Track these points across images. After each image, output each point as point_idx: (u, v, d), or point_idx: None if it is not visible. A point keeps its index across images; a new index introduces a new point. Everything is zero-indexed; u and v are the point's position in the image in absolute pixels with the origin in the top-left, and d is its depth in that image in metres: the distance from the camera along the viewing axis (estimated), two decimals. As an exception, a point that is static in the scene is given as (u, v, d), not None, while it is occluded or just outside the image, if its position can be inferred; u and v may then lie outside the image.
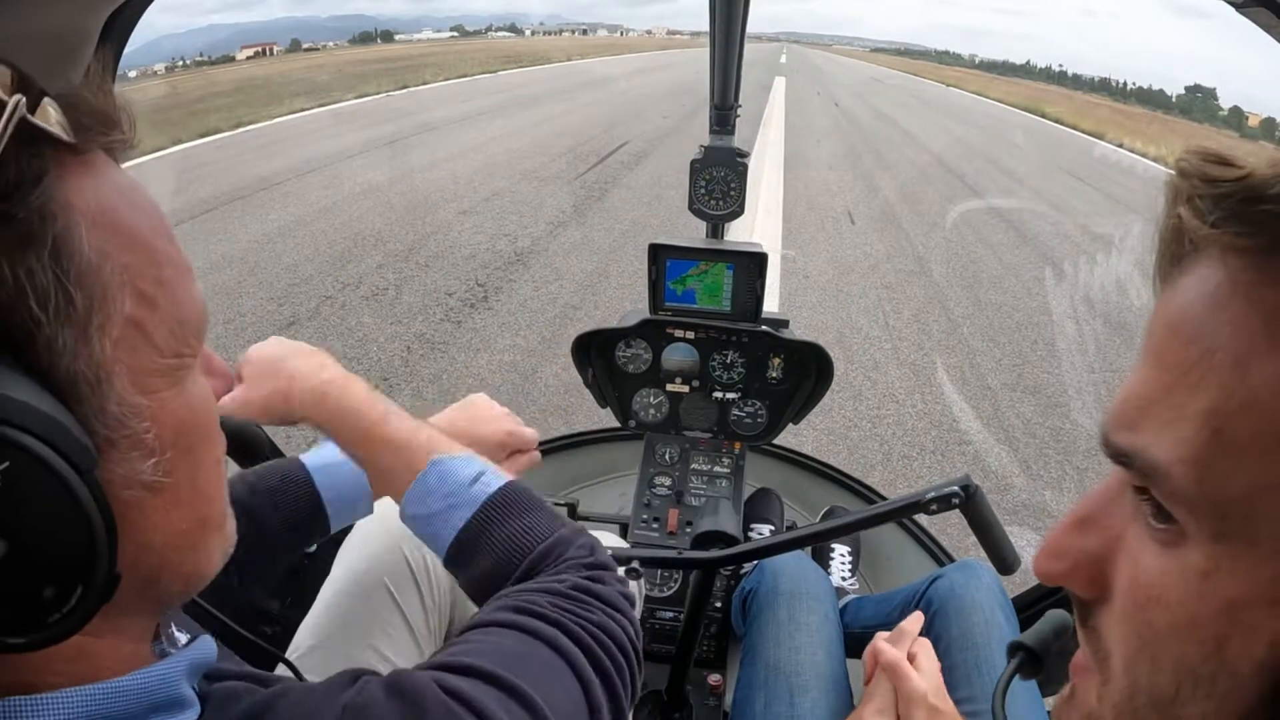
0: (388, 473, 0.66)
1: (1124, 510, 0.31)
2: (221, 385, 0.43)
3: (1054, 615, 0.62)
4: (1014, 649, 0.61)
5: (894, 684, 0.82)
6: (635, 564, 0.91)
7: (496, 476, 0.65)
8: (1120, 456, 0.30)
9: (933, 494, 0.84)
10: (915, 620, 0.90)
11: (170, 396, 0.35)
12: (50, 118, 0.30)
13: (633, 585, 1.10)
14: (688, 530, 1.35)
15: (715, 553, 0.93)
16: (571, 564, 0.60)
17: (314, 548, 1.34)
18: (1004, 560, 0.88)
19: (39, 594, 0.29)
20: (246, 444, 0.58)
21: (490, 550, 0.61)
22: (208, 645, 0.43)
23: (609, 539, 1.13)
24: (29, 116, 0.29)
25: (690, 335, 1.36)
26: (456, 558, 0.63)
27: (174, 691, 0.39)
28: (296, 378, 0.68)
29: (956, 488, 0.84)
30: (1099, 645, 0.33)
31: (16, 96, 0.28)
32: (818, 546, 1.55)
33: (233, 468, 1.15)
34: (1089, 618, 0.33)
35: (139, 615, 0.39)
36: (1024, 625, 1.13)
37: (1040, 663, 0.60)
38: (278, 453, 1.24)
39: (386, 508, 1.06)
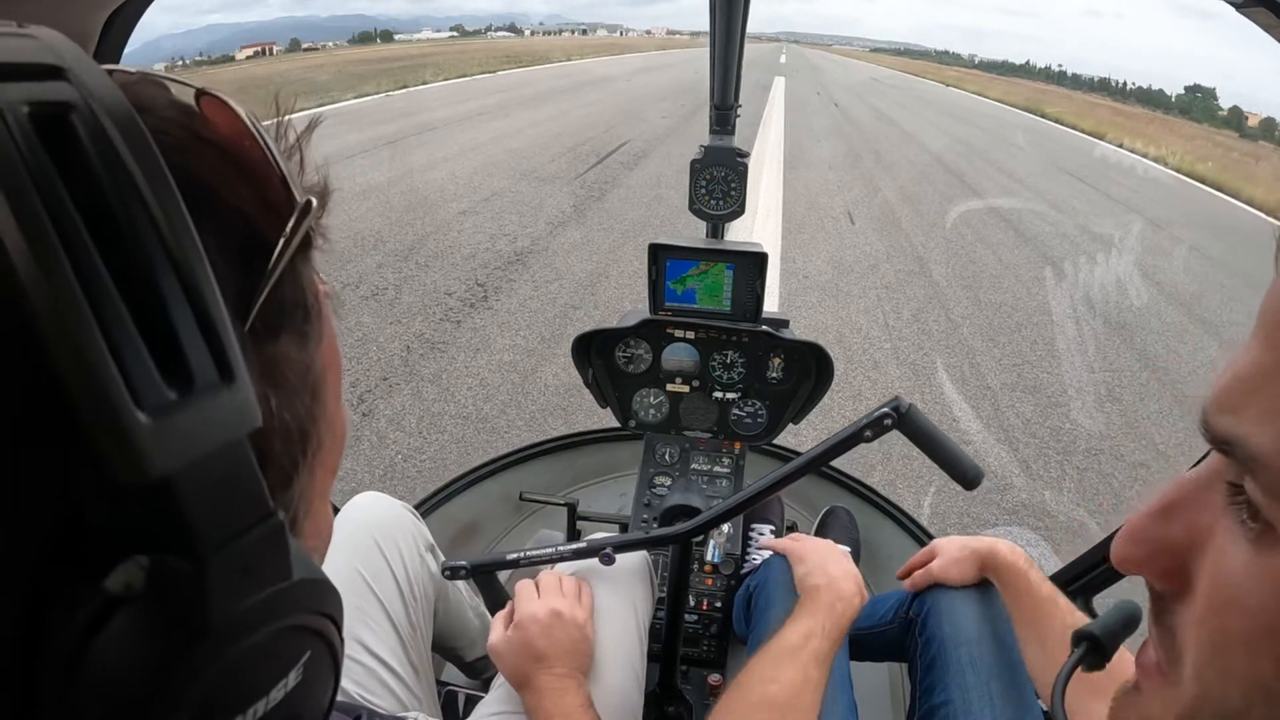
0: None
1: (1215, 502, 0.28)
2: None
3: (1124, 605, 0.57)
4: (1078, 639, 0.56)
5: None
6: (608, 550, 0.94)
7: None
8: (1220, 443, 0.27)
9: (865, 421, 0.82)
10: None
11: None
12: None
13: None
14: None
15: (680, 526, 0.97)
16: None
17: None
18: (963, 473, 0.81)
19: None
20: None
21: None
22: None
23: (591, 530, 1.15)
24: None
25: (690, 335, 1.36)
26: None
27: None
28: (543, 664, 0.76)
29: (887, 409, 0.80)
30: (1172, 645, 0.30)
31: (308, 198, 0.24)
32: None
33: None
34: (1163, 614, 0.30)
35: None
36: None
37: (1106, 654, 0.55)
38: None
39: (349, 500, 1.07)
